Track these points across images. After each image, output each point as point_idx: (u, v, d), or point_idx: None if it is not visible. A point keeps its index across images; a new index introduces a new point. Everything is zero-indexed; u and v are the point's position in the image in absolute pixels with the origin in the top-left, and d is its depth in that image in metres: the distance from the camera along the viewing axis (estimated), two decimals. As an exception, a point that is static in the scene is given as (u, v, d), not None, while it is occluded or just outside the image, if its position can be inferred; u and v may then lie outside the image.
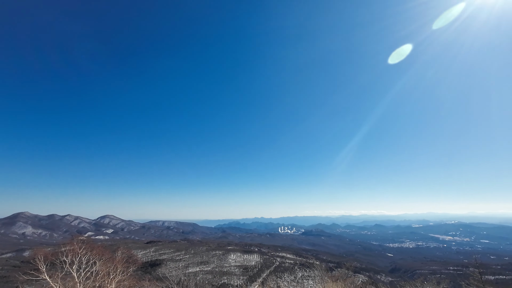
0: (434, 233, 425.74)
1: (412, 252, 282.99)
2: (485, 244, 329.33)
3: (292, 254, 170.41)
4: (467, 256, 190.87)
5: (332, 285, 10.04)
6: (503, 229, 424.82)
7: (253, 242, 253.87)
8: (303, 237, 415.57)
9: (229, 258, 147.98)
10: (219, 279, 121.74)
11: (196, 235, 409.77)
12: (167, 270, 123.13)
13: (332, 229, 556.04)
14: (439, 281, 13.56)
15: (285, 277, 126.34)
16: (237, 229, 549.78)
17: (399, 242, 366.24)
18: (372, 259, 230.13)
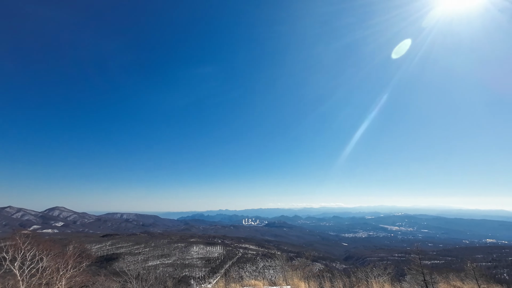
0: (384, 223, 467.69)
1: (364, 241, 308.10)
2: (425, 233, 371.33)
3: (255, 245, 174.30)
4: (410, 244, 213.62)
5: (291, 274, 10.52)
6: (440, 220, 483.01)
7: (217, 234, 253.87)
8: (266, 229, 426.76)
9: (191, 250, 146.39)
10: (180, 271, 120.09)
11: (158, 227, 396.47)
12: (125, 264, 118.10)
13: (294, 221, 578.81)
14: (386, 267, 15.02)
15: (247, 268, 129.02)
16: (201, 222, 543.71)
17: (353, 232, 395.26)
18: (329, 249, 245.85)
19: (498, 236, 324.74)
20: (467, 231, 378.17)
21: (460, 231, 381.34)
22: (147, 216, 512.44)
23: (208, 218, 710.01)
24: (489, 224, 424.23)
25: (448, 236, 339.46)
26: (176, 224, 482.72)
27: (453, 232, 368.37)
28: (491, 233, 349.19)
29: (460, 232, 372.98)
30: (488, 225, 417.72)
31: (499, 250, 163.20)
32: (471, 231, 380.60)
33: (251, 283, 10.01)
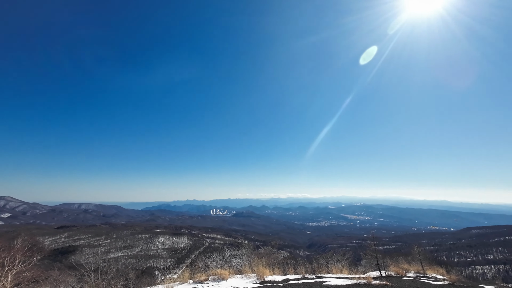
0: (345, 213, 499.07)
1: (326, 229, 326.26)
2: (380, 222, 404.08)
3: (222, 235, 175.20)
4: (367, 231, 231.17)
5: (257, 262, 10.80)
6: (393, 210, 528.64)
7: (184, 224, 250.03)
8: (234, 219, 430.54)
9: (156, 241, 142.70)
10: (144, 263, 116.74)
11: (120, 218, 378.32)
12: (84, 257, 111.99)
13: (261, 211, 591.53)
14: (345, 253, 16.16)
15: (214, 257, 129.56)
16: (167, 212, 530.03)
17: (317, 221, 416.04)
18: (294, 237, 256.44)
19: (440, 223, 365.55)
20: (415, 219, 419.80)
21: (410, 219, 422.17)
22: (109, 207, 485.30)
23: (175, 209, 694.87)
24: (434, 213, 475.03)
25: (399, 224, 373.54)
26: (141, 215, 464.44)
27: (404, 220, 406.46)
28: (435, 221, 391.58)
29: (410, 220, 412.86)
30: (433, 214, 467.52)
31: (440, 236, 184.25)
32: (419, 219, 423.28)
33: (217, 272, 10.08)
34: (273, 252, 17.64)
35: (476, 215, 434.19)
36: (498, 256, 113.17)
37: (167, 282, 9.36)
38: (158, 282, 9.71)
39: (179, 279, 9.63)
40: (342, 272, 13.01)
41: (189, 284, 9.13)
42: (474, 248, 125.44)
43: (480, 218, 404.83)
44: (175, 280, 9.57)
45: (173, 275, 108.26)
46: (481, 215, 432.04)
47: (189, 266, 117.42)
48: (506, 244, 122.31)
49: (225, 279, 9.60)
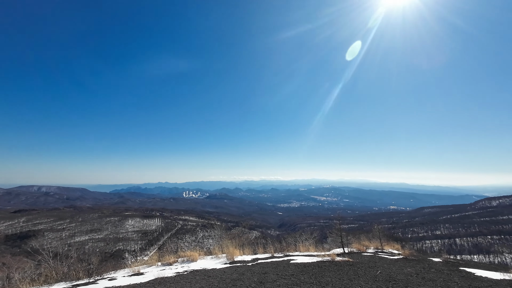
0: (314, 194, 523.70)
1: (296, 210, 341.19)
2: (346, 202, 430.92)
3: (195, 217, 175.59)
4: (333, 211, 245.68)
5: (227, 243, 10.94)
6: (358, 191, 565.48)
7: (155, 207, 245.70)
8: (207, 201, 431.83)
9: (126, 224, 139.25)
10: (113, 246, 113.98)
11: (86, 201, 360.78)
12: (46, 242, 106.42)
13: (235, 193, 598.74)
14: (312, 232, 17.07)
15: (186, 238, 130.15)
16: (138, 195, 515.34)
17: (288, 202, 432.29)
18: (266, 218, 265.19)
19: (399, 203, 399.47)
20: (377, 200, 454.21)
21: (372, 200, 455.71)
22: (73, 189, 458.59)
23: (146, 191, 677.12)
24: (393, 194, 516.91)
25: (363, 204, 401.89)
26: (109, 198, 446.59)
27: (367, 201, 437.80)
28: (394, 202, 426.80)
29: (372, 201, 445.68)
30: (393, 195, 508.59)
31: (398, 215, 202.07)
32: (381, 200, 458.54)
33: (186, 254, 10.04)
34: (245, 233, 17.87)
35: (429, 196, 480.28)
36: (444, 232, 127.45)
37: (134, 265, 9.16)
38: (124, 266, 9.44)
39: (147, 262, 9.46)
40: (309, 250, 13.75)
41: (157, 267, 9.01)
42: (425, 225, 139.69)
43: (432, 198, 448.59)
44: (142, 263, 9.39)
45: (144, 257, 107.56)
46: (433, 196, 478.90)
47: (160, 248, 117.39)
48: (451, 221, 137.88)
49: (194, 260, 9.62)
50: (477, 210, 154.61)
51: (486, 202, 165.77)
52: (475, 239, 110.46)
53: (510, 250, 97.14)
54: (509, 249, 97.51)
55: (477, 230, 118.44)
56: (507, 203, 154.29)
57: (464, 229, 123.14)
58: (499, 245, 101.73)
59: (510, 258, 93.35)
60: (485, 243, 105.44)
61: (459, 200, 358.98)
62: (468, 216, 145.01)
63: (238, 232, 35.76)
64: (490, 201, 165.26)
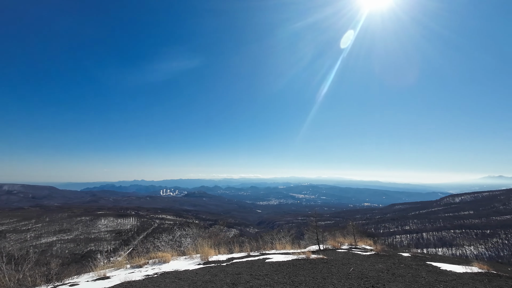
0: (293, 192, 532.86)
1: (275, 208, 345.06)
2: (323, 200, 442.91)
3: (172, 215, 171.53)
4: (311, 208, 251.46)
5: (202, 242, 10.62)
6: (334, 189, 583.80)
7: (130, 205, 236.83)
8: (186, 199, 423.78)
9: (98, 223, 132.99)
10: (84, 246, 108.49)
11: (55, 200, 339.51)
12: (8, 244, 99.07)
13: (214, 191, 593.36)
14: (290, 229, 17.17)
15: (163, 238, 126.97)
16: (112, 193, 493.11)
17: (267, 200, 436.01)
18: (245, 215, 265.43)
19: (372, 200, 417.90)
20: (352, 197, 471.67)
21: (348, 197, 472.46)
22: (40, 187, 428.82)
23: (120, 189, 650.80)
24: (368, 191, 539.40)
25: (339, 201, 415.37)
26: (80, 196, 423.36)
27: (343, 198, 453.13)
28: (368, 198, 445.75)
29: (348, 198, 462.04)
30: (367, 192, 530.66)
31: (371, 211, 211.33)
32: (356, 197, 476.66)
33: (158, 255, 9.59)
34: (223, 231, 17.58)
35: (400, 193, 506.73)
36: (413, 227, 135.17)
37: (100, 268, 8.55)
38: (90, 269, 8.79)
39: (115, 264, 8.89)
40: (286, 248, 13.78)
41: (125, 269, 8.48)
42: (396, 221, 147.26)
43: (403, 195, 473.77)
44: (110, 266, 8.81)
45: (118, 257, 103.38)
46: (403, 193, 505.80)
47: (136, 248, 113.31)
48: (419, 217, 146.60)
49: (167, 261, 9.19)
50: (442, 206, 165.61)
51: (450, 198, 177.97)
52: (440, 233, 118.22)
53: (470, 242, 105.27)
54: (469, 242, 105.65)
55: (442, 225, 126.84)
56: (468, 199, 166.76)
57: (430, 224, 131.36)
58: (461, 238, 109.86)
59: (470, 250, 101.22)
60: (449, 237, 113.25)
61: (426, 197, 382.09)
62: (434, 212, 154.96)
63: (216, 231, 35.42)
64: (454, 197, 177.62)
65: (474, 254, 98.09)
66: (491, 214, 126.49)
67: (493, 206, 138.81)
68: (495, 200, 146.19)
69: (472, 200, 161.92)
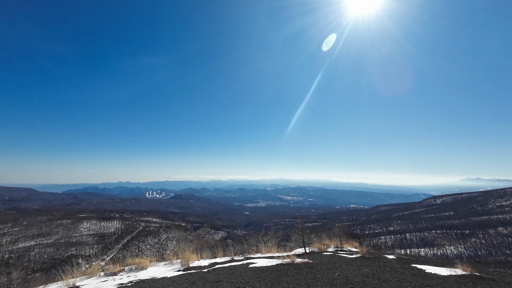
0: (281, 194, 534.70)
1: (263, 209, 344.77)
2: (310, 201, 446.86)
3: (158, 218, 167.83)
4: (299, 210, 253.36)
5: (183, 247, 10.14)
6: (321, 191, 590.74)
7: (114, 208, 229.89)
8: (172, 201, 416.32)
9: (80, 227, 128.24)
10: (64, 251, 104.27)
11: (33, 203, 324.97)
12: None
13: (201, 193, 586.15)
14: (277, 231, 16.89)
15: (149, 241, 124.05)
16: (95, 195, 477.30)
17: (255, 202, 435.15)
18: (233, 217, 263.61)
19: (358, 202, 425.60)
20: (339, 199, 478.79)
21: (335, 199, 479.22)
22: (17, 189, 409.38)
23: (104, 191, 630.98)
24: (354, 193, 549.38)
25: (326, 203, 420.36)
26: (61, 198, 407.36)
27: (330, 200, 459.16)
28: (354, 200, 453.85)
29: (334, 200, 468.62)
30: (353, 194, 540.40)
31: (357, 213, 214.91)
32: (342, 199, 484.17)
33: (134, 262, 9.04)
34: (210, 233, 17.08)
35: (384, 195, 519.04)
36: (397, 228, 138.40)
37: (70, 277, 7.89)
38: (59, 278, 8.11)
39: (87, 272, 8.26)
40: (271, 251, 13.48)
41: (98, 277, 7.88)
42: (380, 222, 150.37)
43: (387, 197, 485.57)
44: (81, 274, 8.18)
45: (100, 262, 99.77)
46: (387, 195, 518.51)
47: (119, 252, 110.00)
48: (403, 218, 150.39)
49: (144, 268, 8.65)
50: (424, 207, 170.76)
51: (431, 200, 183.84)
52: (422, 234, 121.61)
53: (450, 242, 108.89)
54: (449, 242, 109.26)
55: (424, 225, 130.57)
56: (449, 201, 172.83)
57: (413, 225, 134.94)
58: (442, 238, 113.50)
59: (450, 250, 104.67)
60: (430, 237, 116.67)
61: (409, 198, 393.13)
62: (416, 213, 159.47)
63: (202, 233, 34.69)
64: (435, 199, 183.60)
65: (454, 253, 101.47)
66: (469, 215, 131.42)
67: (472, 207, 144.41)
68: (473, 201, 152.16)
69: (452, 202, 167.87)
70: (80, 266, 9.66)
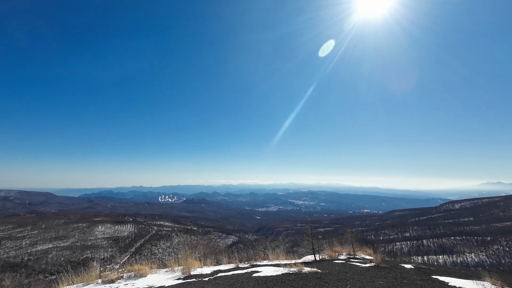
0: (292, 198, 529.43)
1: (274, 214, 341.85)
2: (322, 206, 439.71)
3: (170, 222, 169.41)
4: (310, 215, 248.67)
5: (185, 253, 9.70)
6: (334, 195, 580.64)
7: (128, 211, 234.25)
8: (184, 205, 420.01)
9: (95, 230, 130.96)
10: (80, 254, 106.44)
11: (51, 206, 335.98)
12: (3, 251, 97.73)
13: (213, 197, 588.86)
14: (285, 236, 16.25)
15: (161, 245, 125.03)
16: (109, 199, 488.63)
17: (266, 206, 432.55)
18: (244, 222, 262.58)
19: (371, 207, 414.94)
20: (352, 204, 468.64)
21: (347, 203, 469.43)
22: (36, 194, 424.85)
23: (118, 195, 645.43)
24: (367, 198, 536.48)
25: (339, 208, 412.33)
26: (77, 202, 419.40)
27: (342, 205, 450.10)
28: (367, 205, 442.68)
29: (347, 204, 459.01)
30: (366, 198, 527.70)
31: (370, 218, 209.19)
32: (355, 203, 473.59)
33: (134, 269, 8.71)
34: (220, 237, 16.64)
35: (399, 200, 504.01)
36: (413, 234, 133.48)
37: (66, 284, 7.62)
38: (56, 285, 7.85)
39: (84, 279, 7.98)
40: (279, 258, 12.86)
41: (95, 285, 7.55)
42: (395, 227, 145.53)
43: (402, 202, 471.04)
44: (77, 282, 7.91)
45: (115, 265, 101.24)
46: (402, 200, 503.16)
47: (133, 255, 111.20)
48: (419, 223, 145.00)
49: (143, 275, 8.29)
50: (441, 212, 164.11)
51: (449, 205, 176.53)
52: (440, 240, 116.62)
53: (470, 250, 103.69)
54: (469, 249, 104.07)
55: (442, 231, 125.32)
56: (468, 206, 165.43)
57: (430, 231, 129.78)
58: (461, 245, 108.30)
59: (471, 258, 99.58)
60: (449, 244, 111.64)
61: (425, 203, 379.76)
62: (434, 218, 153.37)
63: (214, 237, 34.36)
64: (453, 204, 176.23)
65: (475, 261, 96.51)
66: (491, 221, 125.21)
67: (493, 213, 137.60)
68: (495, 206, 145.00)
69: (472, 207, 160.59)
70: (95, 269, 9.44)
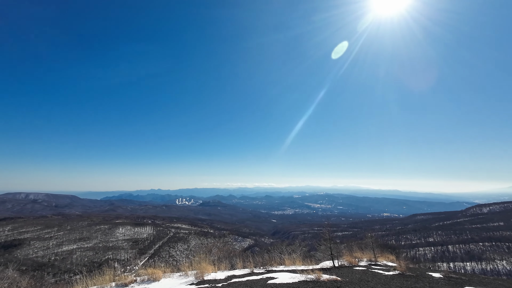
0: (308, 202, 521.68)
1: (290, 217, 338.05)
2: (340, 209, 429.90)
3: (187, 225, 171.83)
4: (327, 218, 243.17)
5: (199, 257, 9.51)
6: (351, 198, 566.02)
7: (147, 214, 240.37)
8: (200, 208, 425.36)
9: (116, 232, 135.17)
10: (102, 255, 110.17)
11: (75, 209, 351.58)
12: (32, 251, 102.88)
13: (228, 200, 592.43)
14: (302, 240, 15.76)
15: (178, 247, 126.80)
16: (129, 202, 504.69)
17: (282, 209, 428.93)
18: (260, 225, 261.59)
19: (391, 210, 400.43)
20: (371, 207, 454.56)
21: (366, 207, 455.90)
22: (62, 196, 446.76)
23: (137, 198, 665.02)
24: (386, 201, 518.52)
25: (357, 211, 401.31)
26: (99, 205, 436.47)
27: (361, 208, 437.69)
28: (387, 208, 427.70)
29: (366, 208, 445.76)
30: (386, 202, 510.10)
31: (391, 222, 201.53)
32: (374, 207, 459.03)
33: (147, 272, 8.62)
34: (233, 241, 16.38)
35: (421, 203, 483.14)
36: (437, 239, 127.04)
37: (80, 286, 7.65)
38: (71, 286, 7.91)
39: (98, 282, 7.98)
40: (295, 263, 12.39)
41: (109, 288, 7.53)
42: (418, 232, 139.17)
43: (424, 205, 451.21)
44: (91, 284, 7.92)
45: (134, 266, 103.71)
46: (425, 203, 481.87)
47: (152, 257, 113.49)
48: (443, 228, 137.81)
49: (157, 280, 8.18)
50: (468, 217, 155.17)
51: (477, 209, 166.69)
52: (467, 246, 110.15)
53: (501, 257, 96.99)
54: (500, 256, 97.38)
55: (469, 237, 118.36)
56: (497, 210, 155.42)
57: (456, 236, 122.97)
58: (491, 252, 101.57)
59: (502, 265, 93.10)
60: (477, 250, 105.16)
61: (450, 207, 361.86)
62: (459, 223, 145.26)
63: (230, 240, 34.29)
64: (481, 208, 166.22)
65: (507, 269, 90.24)
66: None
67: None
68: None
69: (502, 211, 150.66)
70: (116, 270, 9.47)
